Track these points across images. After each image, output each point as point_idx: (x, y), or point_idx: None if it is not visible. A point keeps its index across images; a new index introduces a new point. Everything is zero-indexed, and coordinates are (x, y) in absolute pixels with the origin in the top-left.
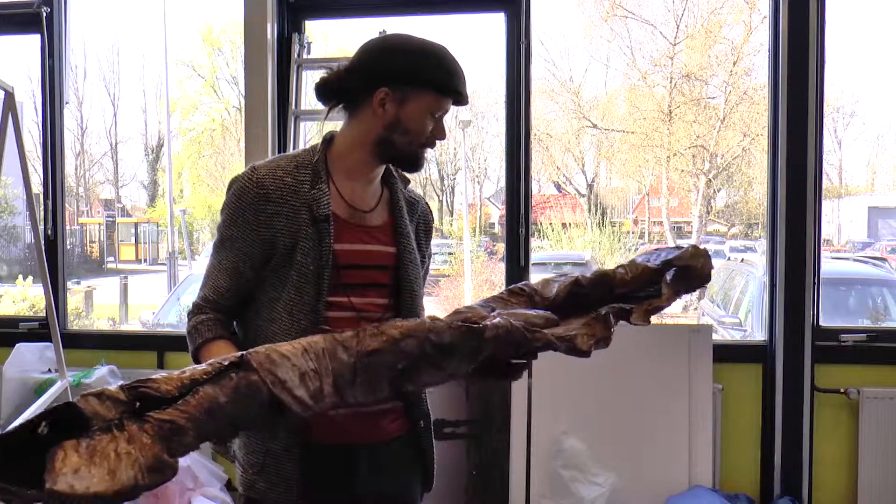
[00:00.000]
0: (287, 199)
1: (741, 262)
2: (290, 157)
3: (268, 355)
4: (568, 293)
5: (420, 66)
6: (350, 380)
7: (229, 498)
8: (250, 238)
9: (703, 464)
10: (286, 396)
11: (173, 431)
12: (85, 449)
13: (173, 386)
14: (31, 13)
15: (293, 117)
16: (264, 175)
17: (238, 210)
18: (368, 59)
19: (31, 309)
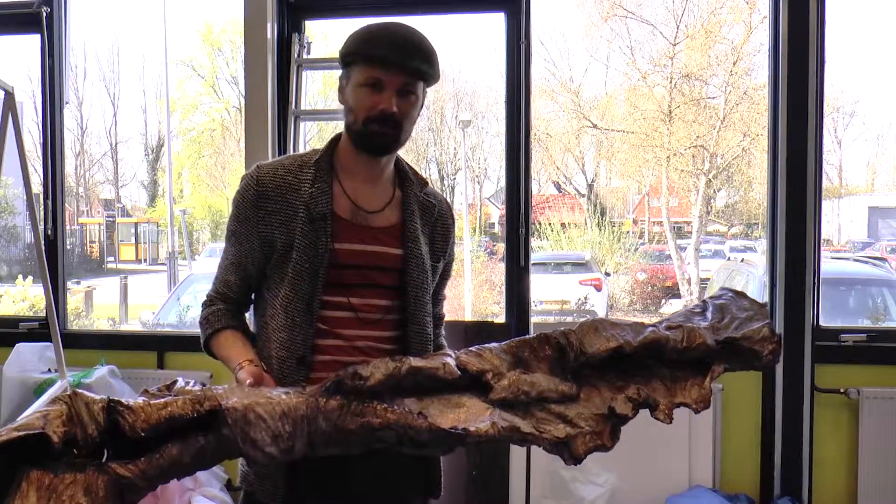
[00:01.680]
0: (285, 198)
1: (741, 262)
2: (296, 155)
3: (244, 414)
4: (609, 354)
5: (350, 44)
6: (324, 443)
7: (229, 498)
8: (251, 235)
9: (703, 464)
10: (255, 453)
11: (128, 488)
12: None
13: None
14: (31, 13)
15: (293, 117)
16: (265, 173)
17: (241, 207)
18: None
19: (31, 309)
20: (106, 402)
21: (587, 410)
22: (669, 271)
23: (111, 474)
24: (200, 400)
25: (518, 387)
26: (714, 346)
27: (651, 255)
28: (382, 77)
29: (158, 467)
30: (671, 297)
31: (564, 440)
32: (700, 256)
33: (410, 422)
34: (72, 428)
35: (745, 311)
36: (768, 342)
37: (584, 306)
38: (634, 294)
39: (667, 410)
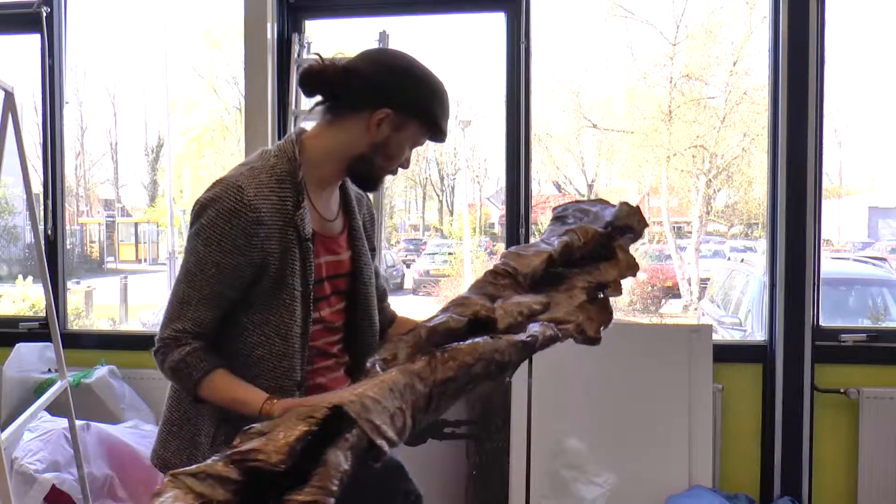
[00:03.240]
0: (276, 221)
1: (741, 262)
2: (266, 168)
3: (363, 403)
4: (545, 269)
5: (425, 100)
6: (424, 408)
7: None
8: (241, 262)
9: (703, 464)
10: (382, 441)
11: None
12: None
13: (283, 454)
14: (31, 13)
15: (293, 117)
16: (254, 196)
17: (226, 234)
18: (378, 75)
19: (31, 309)
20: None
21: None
22: (669, 271)
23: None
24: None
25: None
26: (603, 230)
27: (651, 255)
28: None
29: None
30: (671, 297)
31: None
32: (700, 256)
33: (492, 345)
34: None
35: (595, 206)
36: (634, 214)
37: None
38: (634, 294)
39: (615, 284)
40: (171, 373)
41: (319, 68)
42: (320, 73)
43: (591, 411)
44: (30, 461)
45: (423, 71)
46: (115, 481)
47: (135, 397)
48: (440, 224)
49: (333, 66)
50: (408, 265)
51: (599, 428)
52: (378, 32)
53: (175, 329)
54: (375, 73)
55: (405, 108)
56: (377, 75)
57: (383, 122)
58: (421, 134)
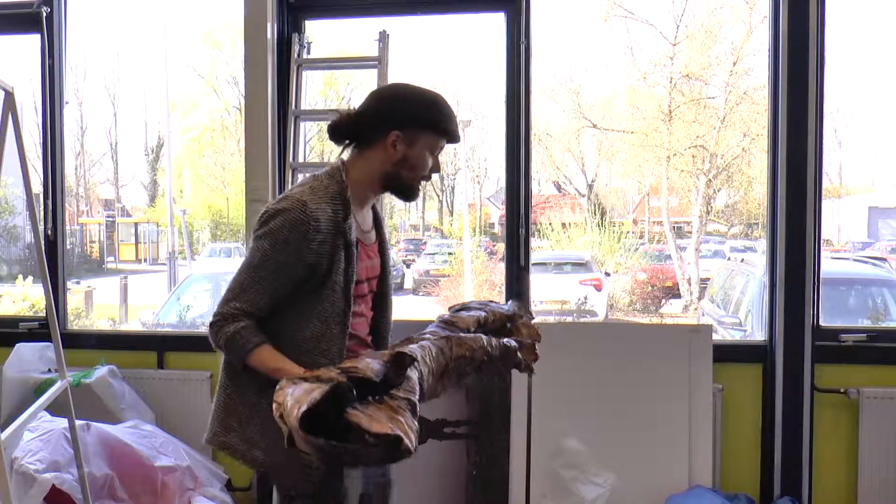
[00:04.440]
0: (331, 229)
1: (741, 262)
2: (323, 188)
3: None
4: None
5: (425, 113)
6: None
7: (229, 498)
8: (297, 263)
9: (703, 464)
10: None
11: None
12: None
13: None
14: (31, 13)
15: (293, 117)
16: (315, 209)
17: (290, 239)
18: (381, 107)
19: (31, 309)
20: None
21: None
22: (669, 271)
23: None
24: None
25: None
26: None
27: (651, 255)
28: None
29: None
30: (671, 297)
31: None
32: (700, 256)
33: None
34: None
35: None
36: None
37: (584, 306)
38: (634, 294)
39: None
40: (226, 342)
41: (336, 122)
42: (338, 126)
43: (591, 411)
44: (30, 461)
45: (417, 90)
46: (115, 481)
47: (135, 397)
48: (440, 224)
49: (347, 116)
50: (408, 265)
51: (599, 428)
52: (378, 32)
53: (233, 307)
54: (377, 107)
55: (410, 124)
56: (379, 108)
57: (397, 143)
58: (433, 141)
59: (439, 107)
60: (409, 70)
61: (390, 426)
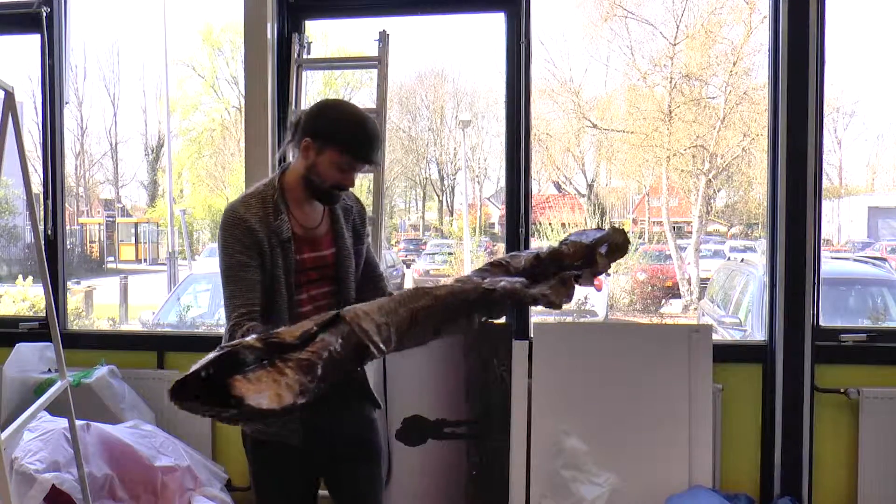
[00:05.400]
0: (262, 228)
1: (741, 262)
2: (257, 193)
3: (355, 312)
4: (531, 265)
5: (334, 130)
6: (407, 329)
7: (229, 498)
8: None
9: (703, 464)
10: (368, 341)
11: (309, 366)
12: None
13: (294, 336)
14: (31, 13)
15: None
16: (244, 212)
17: (231, 242)
18: (308, 114)
19: (31, 309)
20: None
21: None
22: (669, 271)
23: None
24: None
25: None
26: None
27: (651, 255)
28: (354, 165)
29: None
30: (671, 297)
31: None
32: (700, 256)
33: (463, 287)
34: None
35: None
36: (619, 233)
37: (584, 306)
38: (634, 294)
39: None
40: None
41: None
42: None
43: (591, 411)
44: (30, 461)
45: (341, 108)
46: (115, 481)
47: (135, 397)
48: (440, 224)
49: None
50: (408, 265)
51: (599, 428)
52: (378, 32)
53: (235, 316)
54: (304, 115)
55: (320, 135)
56: (305, 116)
57: (309, 149)
58: (340, 156)
59: (352, 127)
60: (409, 70)
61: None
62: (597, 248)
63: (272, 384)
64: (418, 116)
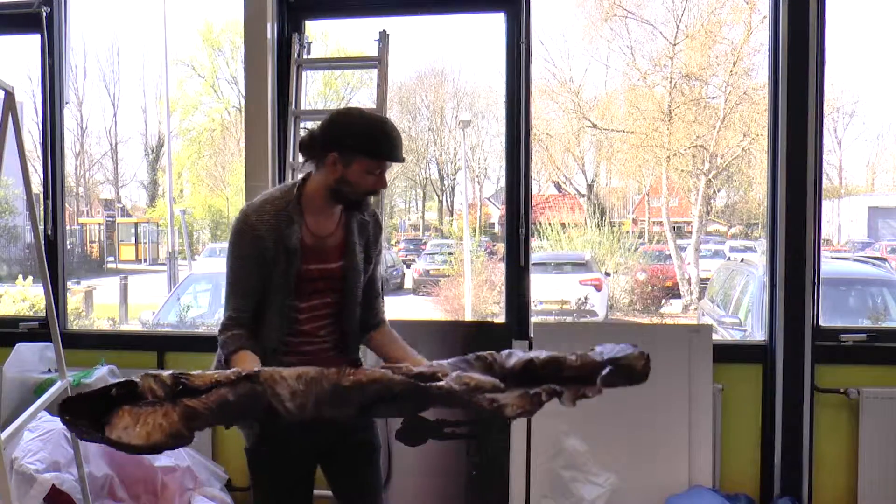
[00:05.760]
0: (271, 236)
1: (741, 262)
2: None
3: (272, 375)
4: (523, 367)
5: (358, 138)
6: (327, 401)
7: (229, 498)
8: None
9: (703, 464)
10: (279, 405)
11: (193, 415)
12: (135, 414)
13: (204, 382)
14: (31, 13)
15: (293, 117)
16: (255, 220)
17: (240, 247)
18: (325, 130)
19: (31, 309)
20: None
21: (513, 396)
22: (669, 271)
23: (182, 404)
24: (240, 371)
25: (461, 379)
26: (601, 360)
27: (651, 255)
28: (383, 168)
29: (214, 402)
30: (671, 297)
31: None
32: (700, 256)
33: (391, 378)
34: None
35: (621, 348)
36: (640, 358)
37: (585, 306)
38: (634, 294)
39: (571, 398)
40: (220, 346)
41: (301, 141)
42: (301, 144)
43: (590, 411)
44: (30, 461)
45: (358, 116)
46: (115, 481)
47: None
48: (440, 224)
49: (308, 136)
50: (408, 265)
51: (599, 428)
52: (378, 32)
53: (225, 318)
54: (322, 129)
55: (345, 147)
56: (323, 129)
57: (336, 163)
58: (369, 162)
59: (376, 132)
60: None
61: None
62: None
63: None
64: (418, 116)
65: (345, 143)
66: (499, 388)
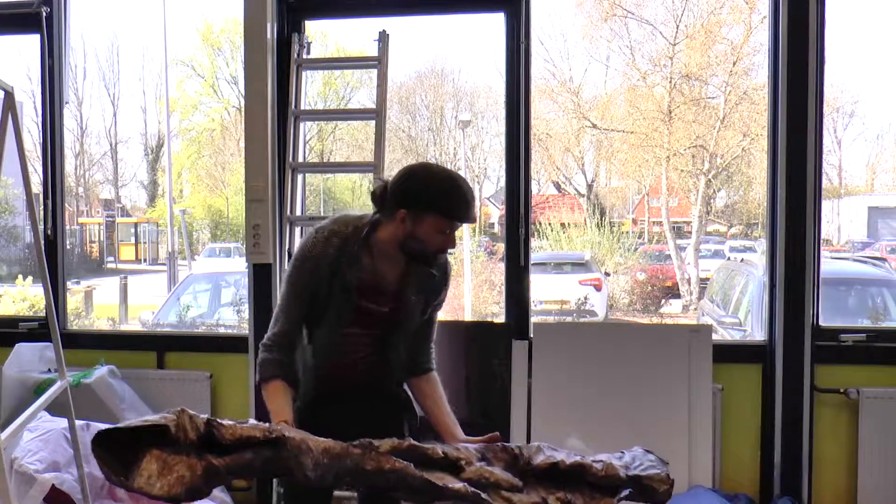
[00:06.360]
0: (330, 269)
1: (741, 262)
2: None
3: (299, 444)
4: (547, 467)
5: (429, 197)
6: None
7: (229, 498)
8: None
9: (703, 464)
10: (299, 473)
11: (215, 473)
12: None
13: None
14: (31, 13)
15: (293, 117)
16: (318, 252)
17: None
18: (396, 185)
19: (31, 309)
20: (206, 418)
21: (527, 499)
22: (669, 271)
23: (206, 461)
24: (271, 430)
25: (481, 473)
26: (624, 478)
27: (651, 255)
28: (453, 227)
29: (236, 464)
30: (671, 297)
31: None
32: (700, 256)
33: (409, 471)
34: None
35: (650, 462)
36: (664, 483)
37: (584, 306)
38: (634, 294)
39: None
40: (258, 363)
41: (373, 191)
42: (373, 194)
43: (591, 411)
44: (29, 461)
45: (431, 173)
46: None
47: (134, 397)
48: None
49: (381, 186)
50: None
51: (599, 428)
52: (378, 32)
53: (269, 336)
54: (394, 184)
55: (415, 206)
56: (395, 185)
57: (405, 220)
58: (438, 221)
59: (447, 191)
60: (409, 70)
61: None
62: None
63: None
64: (418, 116)
65: (415, 199)
66: (516, 488)
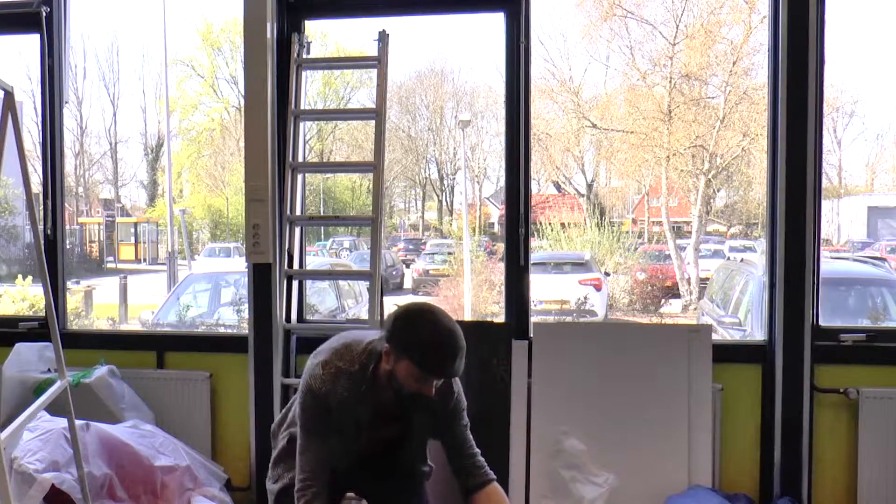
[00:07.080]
0: (341, 409)
1: (741, 262)
2: (347, 373)
3: None
4: None
5: (409, 344)
6: None
7: (229, 498)
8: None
9: (703, 464)
10: None
11: None
12: None
13: None
14: (31, 13)
15: (293, 117)
16: (326, 393)
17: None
18: (390, 319)
19: (31, 309)
20: None
21: None
22: (669, 271)
23: None
24: None
25: None
26: None
27: (651, 255)
28: (429, 380)
29: None
30: (671, 297)
31: None
32: (700, 256)
33: None
34: None
35: None
36: None
37: (584, 306)
38: (634, 294)
39: None
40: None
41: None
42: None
43: (590, 411)
44: (29, 461)
45: (424, 322)
46: (115, 481)
47: (134, 397)
48: (440, 224)
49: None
50: (407, 265)
51: (599, 428)
52: (378, 32)
53: (300, 479)
54: (390, 317)
55: (397, 346)
56: (390, 318)
57: (389, 355)
58: (413, 369)
59: (427, 343)
60: (409, 70)
61: None
62: None
63: None
64: (418, 116)
65: (398, 340)
66: None
